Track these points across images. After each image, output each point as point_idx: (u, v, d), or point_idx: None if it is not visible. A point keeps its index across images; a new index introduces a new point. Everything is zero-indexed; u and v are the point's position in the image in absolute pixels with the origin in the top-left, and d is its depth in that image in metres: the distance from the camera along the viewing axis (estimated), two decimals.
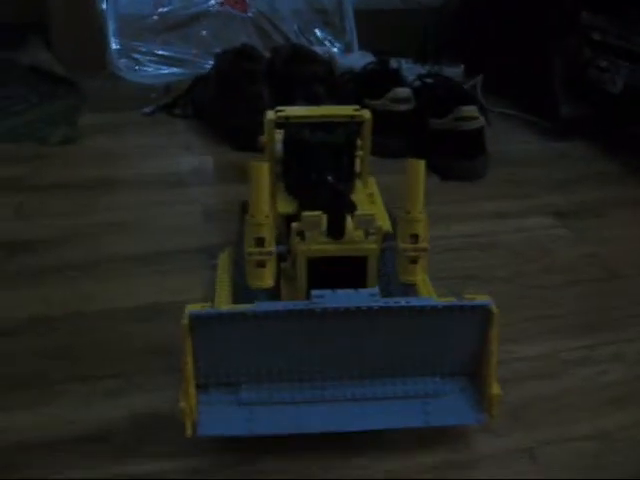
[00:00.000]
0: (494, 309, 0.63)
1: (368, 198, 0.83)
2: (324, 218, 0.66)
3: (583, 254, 1.01)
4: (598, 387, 0.76)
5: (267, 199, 0.66)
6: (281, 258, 0.72)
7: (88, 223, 1.04)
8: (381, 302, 0.62)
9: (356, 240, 0.66)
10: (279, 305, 0.62)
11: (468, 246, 1.01)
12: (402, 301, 0.62)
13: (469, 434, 0.69)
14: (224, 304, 0.76)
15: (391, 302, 0.62)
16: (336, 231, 0.66)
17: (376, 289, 0.63)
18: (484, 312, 0.63)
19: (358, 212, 0.68)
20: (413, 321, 0.64)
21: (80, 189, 1.15)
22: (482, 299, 0.63)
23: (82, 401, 0.72)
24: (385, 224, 0.76)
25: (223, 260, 0.88)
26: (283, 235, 0.74)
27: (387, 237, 0.72)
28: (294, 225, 0.67)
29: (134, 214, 1.08)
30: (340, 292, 0.62)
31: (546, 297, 0.91)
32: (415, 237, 0.67)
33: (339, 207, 0.66)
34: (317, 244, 0.66)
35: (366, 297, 0.62)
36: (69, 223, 1.04)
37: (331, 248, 0.66)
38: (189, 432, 0.62)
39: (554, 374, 0.78)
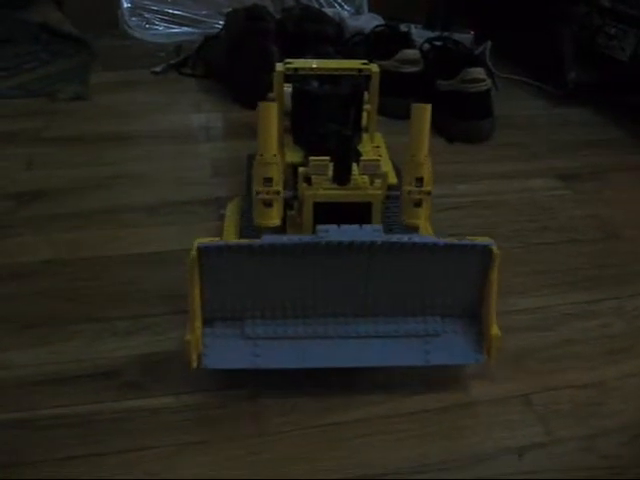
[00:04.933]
0: (495, 250, 0.64)
1: (374, 150, 0.84)
2: (331, 164, 0.67)
3: (585, 215, 1.02)
4: (597, 339, 0.78)
5: (275, 139, 0.68)
6: (288, 205, 0.73)
7: (98, 175, 1.06)
8: (384, 237, 0.63)
9: (361, 186, 0.68)
10: (285, 238, 0.63)
11: (472, 204, 1.03)
12: (405, 237, 0.63)
13: (468, 379, 0.71)
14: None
15: (394, 238, 0.63)
16: (342, 176, 0.67)
17: (380, 226, 0.64)
18: (485, 252, 0.64)
19: (364, 158, 0.69)
20: (415, 259, 0.65)
21: (90, 143, 1.17)
22: (483, 240, 0.65)
23: (92, 341, 0.74)
24: (391, 176, 0.78)
25: (231, 209, 0.90)
26: (291, 184, 0.76)
27: (392, 189, 0.74)
28: (301, 170, 0.68)
29: (144, 167, 1.09)
30: (345, 227, 0.63)
31: (547, 254, 0.93)
32: (420, 180, 0.68)
33: (345, 153, 0.67)
34: (323, 189, 0.67)
35: (370, 232, 0.63)
36: (80, 175, 1.06)
37: (337, 193, 0.68)
38: (194, 364, 0.64)
39: (553, 326, 0.80)
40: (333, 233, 0.63)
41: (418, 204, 0.69)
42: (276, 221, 0.69)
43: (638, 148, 1.25)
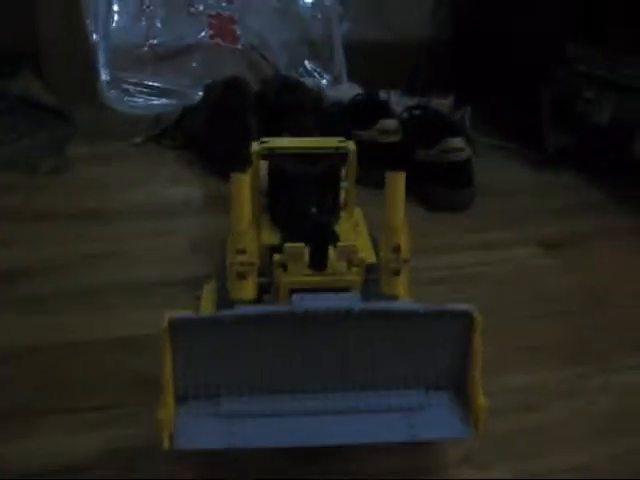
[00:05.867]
0: (477, 316, 0.62)
1: (353, 229, 0.83)
2: (307, 250, 0.66)
3: (570, 283, 1.01)
4: (584, 419, 0.76)
5: (249, 210, 0.67)
6: (264, 290, 0.72)
7: (76, 253, 1.04)
8: (362, 304, 0.61)
9: (339, 271, 0.66)
10: (259, 309, 0.61)
11: (454, 277, 1.01)
12: (383, 304, 0.62)
13: (452, 466, 0.69)
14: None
15: (372, 305, 0.62)
16: (318, 262, 0.66)
17: (357, 294, 0.63)
18: (466, 318, 0.62)
19: (340, 243, 0.68)
20: (394, 326, 0.62)
21: (69, 219, 1.15)
22: (464, 306, 0.62)
23: (61, 434, 0.71)
24: (369, 255, 0.76)
25: (207, 290, 0.88)
26: (267, 267, 0.74)
27: (371, 268, 0.72)
28: (276, 257, 0.67)
29: (121, 245, 1.07)
30: (321, 295, 0.62)
31: (532, 327, 0.91)
32: (397, 249, 0.67)
33: (322, 239, 0.66)
34: (299, 275, 0.66)
35: (347, 299, 0.62)
36: (56, 253, 1.04)
37: (313, 279, 0.66)
38: (166, 445, 0.60)
39: (539, 405, 0.78)
40: (308, 301, 0.61)
41: (397, 273, 0.68)
42: (250, 294, 0.67)
43: (620, 212, 1.25)
